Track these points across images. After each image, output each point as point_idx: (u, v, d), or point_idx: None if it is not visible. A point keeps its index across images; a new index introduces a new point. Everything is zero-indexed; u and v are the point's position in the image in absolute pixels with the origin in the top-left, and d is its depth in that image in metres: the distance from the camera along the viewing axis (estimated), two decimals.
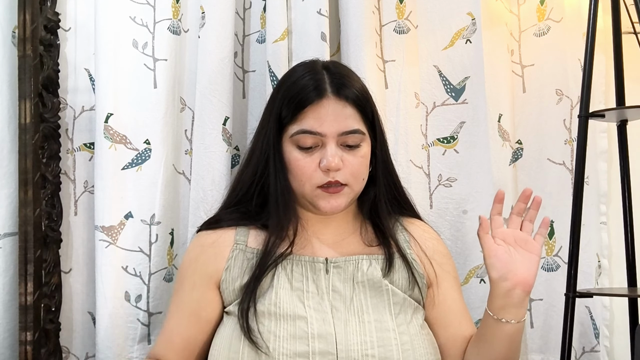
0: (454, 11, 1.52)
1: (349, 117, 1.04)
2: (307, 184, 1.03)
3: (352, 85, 1.06)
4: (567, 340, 1.34)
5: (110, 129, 1.38)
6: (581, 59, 1.42)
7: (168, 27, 1.46)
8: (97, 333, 1.34)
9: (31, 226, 1.31)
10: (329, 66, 1.10)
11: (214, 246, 1.09)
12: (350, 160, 1.03)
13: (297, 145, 1.04)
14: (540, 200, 1.05)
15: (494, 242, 1.03)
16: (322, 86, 1.04)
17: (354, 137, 1.04)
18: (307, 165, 1.02)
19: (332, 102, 1.03)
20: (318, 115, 1.02)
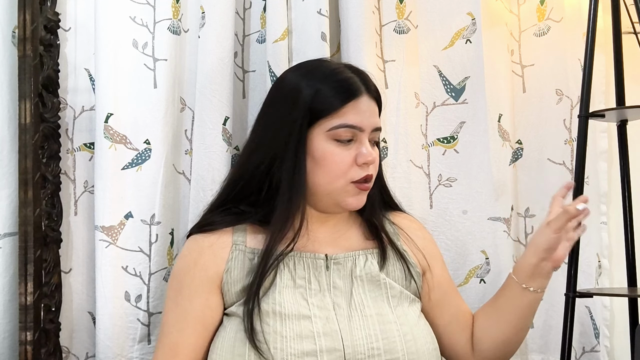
0: (454, 11, 1.52)
1: (376, 115, 1.08)
2: (342, 178, 1.02)
3: (377, 89, 1.10)
4: (567, 340, 1.34)
5: (110, 129, 1.38)
6: (581, 59, 1.42)
7: (168, 27, 1.46)
8: (97, 333, 1.34)
9: (31, 226, 1.31)
10: (356, 69, 1.10)
11: (212, 248, 1.06)
12: (376, 156, 1.06)
13: (335, 139, 1.02)
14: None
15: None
16: (359, 85, 1.05)
17: (378, 134, 1.08)
18: (344, 159, 1.02)
19: (366, 98, 1.05)
20: (359, 110, 1.03)
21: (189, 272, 1.06)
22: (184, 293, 1.05)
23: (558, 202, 1.08)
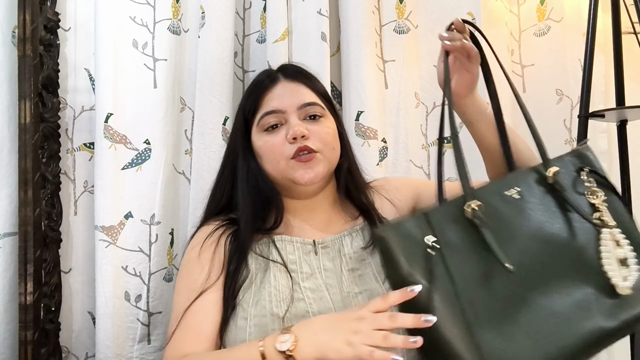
0: (454, 11, 1.52)
1: (304, 93, 1.11)
2: (281, 159, 1.06)
3: (306, 73, 1.15)
4: None
5: (110, 128, 1.38)
6: (581, 59, 1.42)
7: (168, 27, 1.46)
8: (97, 333, 1.34)
9: (31, 226, 1.31)
10: (283, 65, 1.19)
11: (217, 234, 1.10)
12: (315, 129, 1.07)
13: (264, 129, 1.08)
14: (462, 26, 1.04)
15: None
16: (275, 75, 1.13)
17: (314, 108, 1.09)
18: (275, 142, 1.06)
19: (286, 83, 1.12)
20: (275, 96, 1.10)
21: (198, 248, 1.09)
22: (195, 270, 1.07)
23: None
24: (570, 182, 0.96)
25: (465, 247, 0.84)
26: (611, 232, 0.91)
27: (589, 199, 0.94)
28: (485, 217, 0.86)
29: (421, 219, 0.85)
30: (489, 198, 0.89)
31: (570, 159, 0.99)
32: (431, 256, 0.82)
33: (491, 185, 0.94)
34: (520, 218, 0.89)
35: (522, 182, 0.94)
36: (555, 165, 0.95)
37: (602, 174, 0.97)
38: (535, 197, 0.92)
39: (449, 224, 0.85)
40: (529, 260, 0.85)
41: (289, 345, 0.83)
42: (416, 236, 0.83)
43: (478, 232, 0.84)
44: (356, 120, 1.44)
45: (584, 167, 0.97)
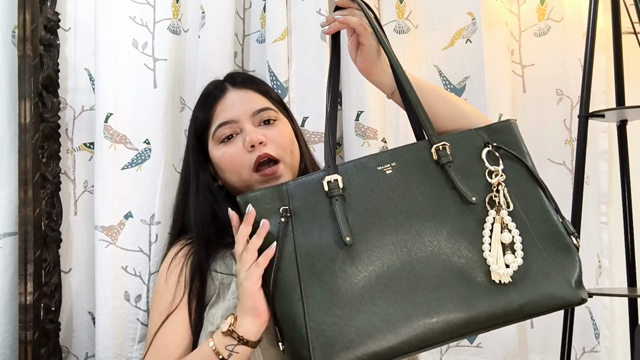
0: (454, 11, 1.52)
1: (255, 99, 1.10)
2: (242, 169, 1.05)
3: (252, 79, 1.15)
4: (567, 341, 1.34)
5: (110, 128, 1.38)
6: (581, 59, 1.42)
7: (168, 27, 1.46)
8: (97, 333, 1.34)
9: (31, 226, 1.31)
10: (230, 74, 1.18)
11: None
12: (271, 134, 1.06)
13: (220, 141, 1.08)
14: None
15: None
16: (221, 85, 1.13)
17: (267, 113, 1.08)
18: (233, 152, 1.06)
19: (234, 92, 1.11)
20: (226, 107, 1.09)
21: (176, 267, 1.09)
22: (168, 291, 1.08)
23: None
24: (465, 159, 0.91)
25: (315, 218, 0.87)
26: (498, 215, 0.87)
27: (487, 178, 0.89)
28: (345, 192, 0.88)
29: (282, 187, 0.89)
30: (355, 172, 0.90)
31: (477, 132, 0.94)
32: (280, 223, 0.87)
33: (366, 158, 0.92)
34: (385, 195, 0.88)
35: (402, 157, 0.91)
36: (446, 141, 0.91)
37: (510, 150, 0.92)
38: (413, 173, 0.89)
39: (308, 194, 0.88)
40: (384, 239, 0.85)
41: (228, 324, 0.89)
42: (271, 203, 0.88)
43: (332, 206, 0.87)
44: (356, 120, 1.44)
45: (489, 143, 0.92)
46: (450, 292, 0.83)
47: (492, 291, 0.84)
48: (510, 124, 0.96)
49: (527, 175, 0.92)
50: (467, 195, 0.87)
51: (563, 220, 0.90)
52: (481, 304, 0.83)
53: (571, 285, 0.85)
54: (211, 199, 1.08)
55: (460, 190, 0.87)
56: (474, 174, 0.90)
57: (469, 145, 0.92)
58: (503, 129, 0.94)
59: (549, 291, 0.84)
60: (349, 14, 0.97)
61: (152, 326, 1.04)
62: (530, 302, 0.84)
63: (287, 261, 0.86)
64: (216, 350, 0.90)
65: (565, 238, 0.88)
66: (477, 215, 0.88)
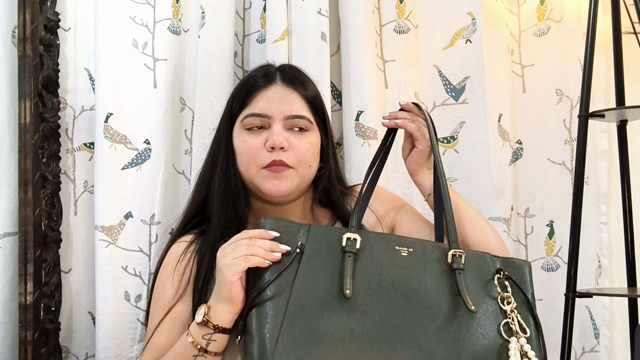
0: (454, 11, 1.52)
1: (297, 103, 1.08)
2: (253, 164, 1.04)
3: (303, 80, 1.12)
4: (567, 340, 1.34)
5: (110, 128, 1.38)
6: (581, 59, 1.42)
7: (168, 27, 1.46)
8: (97, 333, 1.34)
9: (31, 226, 1.31)
10: (283, 65, 1.16)
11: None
12: (296, 143, 1.05)
13: (246, 128, 1.07)
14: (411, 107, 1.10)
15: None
16: (272, 75, 1.10)
17: (301, 122, 1.07)
18: (253, 144, 1.05)
19: (280, 87, 1.08)
20: (266, 99, 1.07)
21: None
22: (167, 291, 1.07)
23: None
24: (475, 274, 0.95)
25: (323, 265, 0.90)
26: (518, 342, 0.91)
27: (501, 305, 0.94)
28: (360, 253, 0.92)
29: (305, 227, 0.93)
30: (375, 241, 0.94)
31: (493, 258, 0.99)
32: (293, 255, 0.90)
33: (389, 235, 0.99)
34: (394, 272, 0.91)
35: (420, 247, 0.96)
36: (464, 251, 0.95)
37: (518, 284, 0.96)
38: (425, 265, 0.94)
39: (324, 242, 0.92)
40: (378, 309, 0.88)
41: (202, 314, 0.90)
42: (292, 233, 0.92)
43: (343, 260, 0.90)
44: (356, 120, 1.44)
45: (502, 270, 0.97)
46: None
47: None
48: (528, 265, 1.00)
49: (528, 312, 0.96)
50: (468, 303, 0.90)
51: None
52: None
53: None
54: (234, 181, 1.07)
55: (463, 297, 0.90)
56: (481, 292, 0.94)
57: (483, 265, 0.97)
58: (519, 266, 0.99)
59: None
60: (410, 119, 1.07)
61: (152, 320, 1.04)
62: None
63: (282, 286, 0.88)
64: (194, 342, 0.91)
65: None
66: (479, 330, 0.91)
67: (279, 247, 0.90)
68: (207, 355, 0.91)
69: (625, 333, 1.45)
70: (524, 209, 1.57)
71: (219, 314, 0.89)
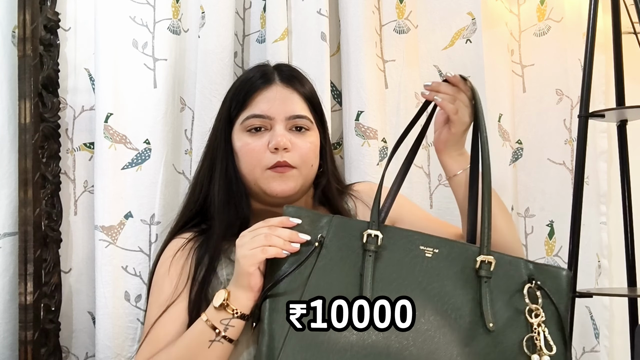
0: (454, 11, 1.52)
1: (297, 103, 1.08)
2: (257, 166, 1.04)
3: (301, 78, 1.12)
4: None
5: (110, 128, 1.38)
6: (581, 59, 1.42)
7: (168, 27, 1.46)
8: (97, 333, 1.34)
9: (31, 226, 1.31)
10: (279, 64, 1.15)
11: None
12: (299, 143, 1.05)
13: (247, 130, 1.06)
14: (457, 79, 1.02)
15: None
16: (270, 75, 1.09)
17: (302, 121, 1.07)
18: (256, 147, 1.04)
19: (280, 88, 1.08)
20: (266, 100, 1.06)
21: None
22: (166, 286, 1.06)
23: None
24: (505, 283, 0.89)
25: (342, 261, 0.87)
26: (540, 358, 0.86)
27: (527, 317, 0.88)
28: (381, 251, 0.88)
29: (327, 218, 0.90)
30: (398, 239, 0.90)
31: (526, 264, 0.92)
32: (312, 248, 0.87)
33: (414, 233, 0.92)
34: (415, 275, 0.87)
35: (447, 248, 0.90)
36: (495, 257, 0.89)
37: (551, 295, 0.89)
38: (450, 268, 0.88)
39: (345, 236, 0.89)
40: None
41: (222, 298, 0.90)
42: (314, 223, 0.89)
43: (363, 259, 0.87)
44: (356, 120, 1.44)
45: (535, 279, 0.90)
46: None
47: None
48: (566, 275, 0.92)
49: (557, 323, 0.89)
50: (487, 318, 0.86)
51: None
52: None
53: None
54: (235, 182, 1.07)
55: (482, 309, 0.86)
56: (508, 303, 0.88)
57: (514, 273, 0.90)
58: (555, 275, 0.92)
59: None
60: (452, 96, 0.99)
61: (150, 317, 1.03)
62: None
63: (296, 282, 0.86)
64: (211, 324, 0.90)
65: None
66: (497, 344, 0.86)
67: (298, 237, 0.88)
68: (224, 341, 0.90)
69: (625, 333, 1.45)
70: (524, 209, 1.57)
71: (240, 300, 0.89)
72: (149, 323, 1.03)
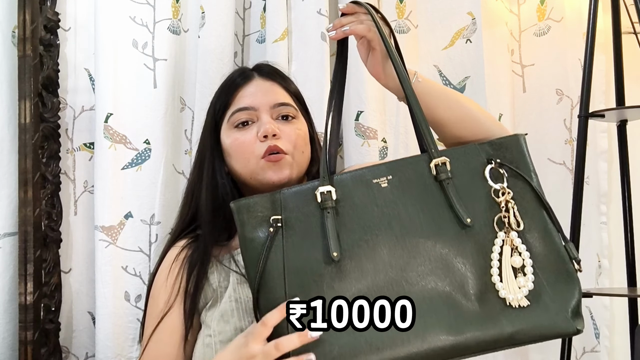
0: (454, 11, 1.52)
1: (279, 93, 1.09)
2: (251, 157, 1.03)
3: (282, 76, 1.13)
4: (567, 340, 1.34)
5: (110, 128, 1.38)
6: (581, 59, 1.42)
7: (168, 27, 1.46)
8: (97, 333, 1.34)
9: (31, 226, 1.31)
10: (259, 64, 1.16)
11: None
12: (287, 130, 1.05)
13: (234, 126, 1.06)
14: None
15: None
16: (249, 72, 1.11)
17: (286, 109, 1.07)
18: (245, 139, 1.04)
19: (261, 81, 1.09)
20: (248, 93, 1.07)
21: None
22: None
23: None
24: (466, 176, 0.86)
25: (307, 231, 0.84)
26: (508, 237, 0.82)
27: (495, 198, 0.84)
28: (339, 204, 0.84)
29: (276, 195, 0.87)
30: (351, 185, 0.86)
31: (480, 147, 0.88)
32: (269, 233, 0.84)
33: (363, 170, 0.88)
34: (379, 211, 0.84)
35: (400, 170, 0.86)
36: (447, 156, 0.86)
37: (516, 169, 0.86)
38: (410, 189, 0.85)
39: (301, 205, 0.85)
40: (375, 257, 0.82)
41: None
42: (263, 212, 0.86)
43: (323, 219, 0.84)
44: (356, 120, 1.44)
45: (493, 159, 0.87)
46: (439, 317, 0.79)
47: (483, 318, 0.80)
48: (518, 139, 0.91)
49: (531, 195, 0.87)
50: (462, 216, 0.83)
51: (566, 244, 0.85)
52: (470, 330, 0.79)
53: (567, 315, 0.81)
54: (222, 187, 1.06)
55: (456, 210, 0.83)
56: (476, 193, 0.85)
57: (471, 161, 0.87)
58: (510, 145, 0.90)
59: (543, 321, 0.81)
60: (356, 20, 0.96)
61: (147, 328, 1.03)
62: (521, 331, 0.80)
63: (274, 275, 0.83)
64: None
65: (567, 264, 0.84)
66: (477, 237, 0.83)
67: (307, 337, 0.79)
68: None
69: (625, 333, 1.45)
70: None
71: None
72: (147, 335, 1.02)
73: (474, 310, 0.80)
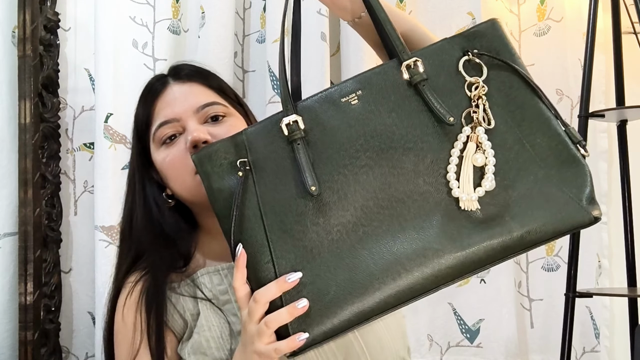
0: (454, 11, 1.52)
1: (200, 94, 0.95)
2: (185, 174, 0.90)
3: (197, 69, 1.00)
4: (567, 340, 1.34)
5: (110, 128, 1.38)
6: (581, 59, 1.42)
7: (168, 27, 1.46)
8: (97, 333, 1.34)
9: (31, 226, 1.31)
10: (175, 65, 1.03)
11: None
12: (220, 132, 0.91)
13: (162, 143, 0.94)
14: None
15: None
16: (163, 79, 0.98)
17: (214, 108, 0.94)
18: (176, 155, 0.91)
19: (177, 86, 0.96)
20: (167, 104, 0.94)
21: None
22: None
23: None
24: (442, 74, 0.77)
25: (279, 168, 0.76)
26: (474, 132, 0.74)
27: (466, 92, 0.75)
28: (309, 134, 0.76)
29: (238, 137, 0.79)
30: (318, 109, 0.78)
31: (452, 41, 0.79)
32: (239, 178, 0.76)
33: (329, 90, 0.79)
34: (353, 131, 0.75)
35: (369, 82, 0.78)
36: (418, 56, 0.77)
37: (495, 55, 0.77)
38: (384, 100, 0.76)
39: (267, 142, 0.77)
40: (357, 182, 0.74)
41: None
42: (228, 157, 0.78)
43: (294, 152, 0.75)
44: None
45: (468, 50, 0.77)
46: (439, 231, 0.71)
47: (486, 224, 0.72)
48: (493, 22, 0.80)
49: (519, 81, 0.78)
50: (444, 115, 0.74)
51: (566, 128, 0.75)
52: (475, 240, 0.71)
53: (580, 202, 0.74)
54: (158, 213, 0.94)
55: (436, 111, 0.74)
56: (454, 91, 0.76)
57: (444, 58, 0.78)
58: (484, 32, 0.79)
59: (553, 214, 0.72)
60: None
61: None
62: (532, 230, 0.71)
63: (251, 220, 0.74)
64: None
65: (570, 149, 0.76)
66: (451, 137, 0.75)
67: (286, 282, 0.71)
68: None
69: (625, 333, 1.45)
70: None
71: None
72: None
73: (474, 218, 0.72)
